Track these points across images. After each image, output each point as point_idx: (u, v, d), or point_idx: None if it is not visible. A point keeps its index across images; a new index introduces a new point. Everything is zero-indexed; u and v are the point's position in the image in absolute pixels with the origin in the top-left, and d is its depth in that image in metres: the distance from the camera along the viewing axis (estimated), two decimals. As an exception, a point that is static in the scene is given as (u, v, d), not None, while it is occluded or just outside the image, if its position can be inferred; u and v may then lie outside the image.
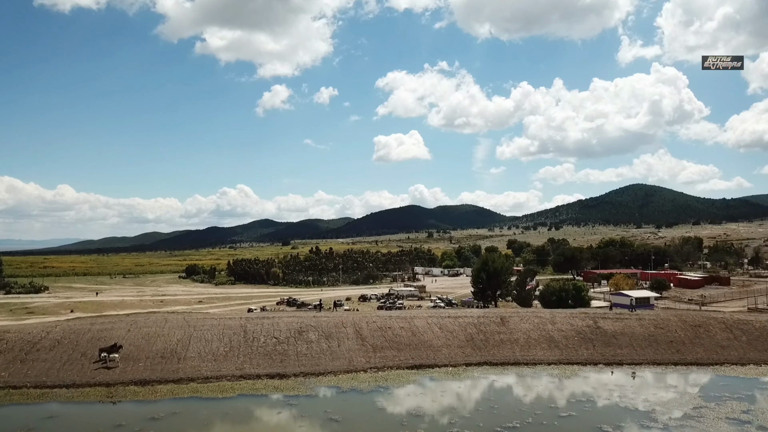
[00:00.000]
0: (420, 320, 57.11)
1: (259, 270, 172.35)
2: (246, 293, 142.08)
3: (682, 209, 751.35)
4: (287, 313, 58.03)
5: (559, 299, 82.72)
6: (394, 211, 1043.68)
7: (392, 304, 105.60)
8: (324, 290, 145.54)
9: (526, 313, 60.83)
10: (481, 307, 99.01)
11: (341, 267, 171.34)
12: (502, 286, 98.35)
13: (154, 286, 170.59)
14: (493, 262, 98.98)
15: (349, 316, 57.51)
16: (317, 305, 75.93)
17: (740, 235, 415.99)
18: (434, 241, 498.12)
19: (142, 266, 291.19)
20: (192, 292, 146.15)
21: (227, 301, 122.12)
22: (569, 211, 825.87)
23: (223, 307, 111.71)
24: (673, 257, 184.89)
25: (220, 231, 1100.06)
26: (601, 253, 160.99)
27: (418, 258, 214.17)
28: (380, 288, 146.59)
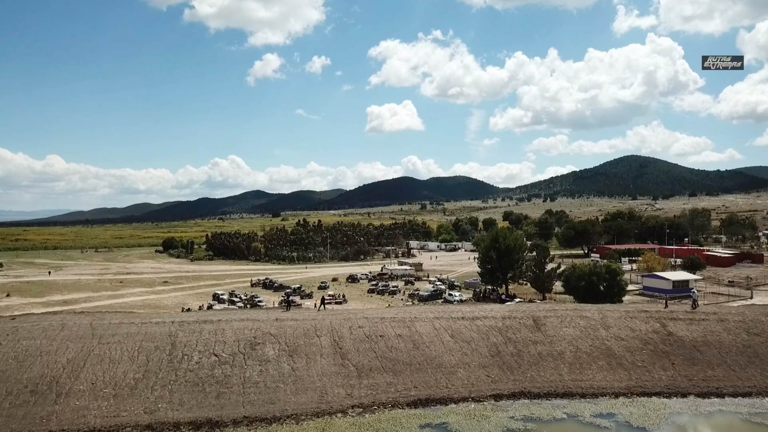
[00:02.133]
0: (424, 324, 40.78)
1: (239, 245, 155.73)
2: (221, 271, 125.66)
3: (676, 181, 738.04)
4: (241, 314, 41.40)
5: (590, 285, 66.64)
6: (386, 183, 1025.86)
7: (385, 286, 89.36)
8: (309, 268, 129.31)
9: (566, 311, 44.55)
10: (492, 293, 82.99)
11: (329, 242, 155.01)
12: (515, 266, 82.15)
13: (123, 262, 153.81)
14: (505, 238, 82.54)
15: (326, 318, 41.06)
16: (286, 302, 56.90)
17: (739, 207, 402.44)
18: (427, 213, 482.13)
19: (121, 239, 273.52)
20: (161, 270, 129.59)
21: (196, 282, 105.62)
22: (563, 183, 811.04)
23: (189, 290, 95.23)
24: (687, 231, 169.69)
25: (211, 202, 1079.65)
26: (614, 226, 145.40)
27: (412, 231, 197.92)
28: (372, 265, 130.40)
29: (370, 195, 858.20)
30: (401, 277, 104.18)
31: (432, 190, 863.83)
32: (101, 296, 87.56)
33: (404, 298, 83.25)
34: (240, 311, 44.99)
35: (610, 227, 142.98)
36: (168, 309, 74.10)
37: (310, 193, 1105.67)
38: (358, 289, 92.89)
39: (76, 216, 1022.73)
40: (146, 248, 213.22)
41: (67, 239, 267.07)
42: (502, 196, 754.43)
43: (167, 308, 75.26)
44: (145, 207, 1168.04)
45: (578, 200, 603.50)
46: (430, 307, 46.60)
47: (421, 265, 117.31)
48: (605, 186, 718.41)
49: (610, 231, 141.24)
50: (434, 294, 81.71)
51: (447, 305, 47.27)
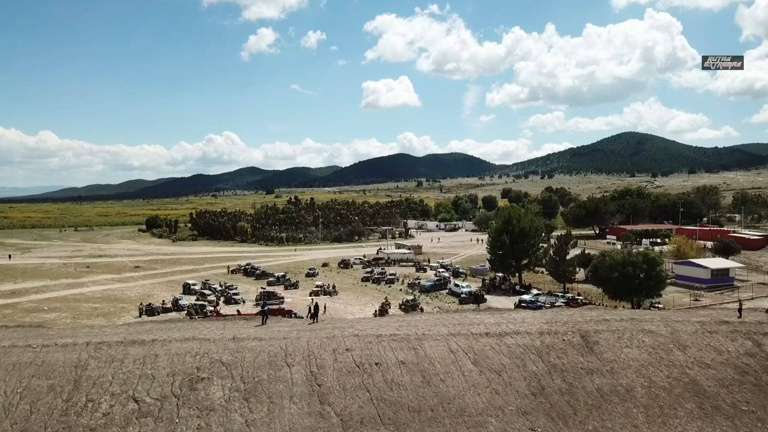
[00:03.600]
0: (436, 344, 29.64)
1: (225, 224, 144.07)
2: (202, 253, 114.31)
3: (674, 158, 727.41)
4: (186, 329, 29.99)
5: (624, 278, 55.69)
6: (382, 160, 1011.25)
7: (381, 274, 78.23)
8: (298, 250, 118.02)
9: (621, 322, 33.42)
10: (503, 282, 71.96)
11: (321, 221, 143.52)
12: (530, 252, 71.18)
13: (100, 243, 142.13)
14: (519, 220, 71.43)
15: (302, 336, 29.83)
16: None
17: (740, 184, 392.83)
18: (424, 190, 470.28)
19: (107, 217, 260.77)
20: (138, 252, 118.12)
21: (171, 267, 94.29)
22: (560, 160, 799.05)
23: (160, 277, 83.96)
24: (700, 209, 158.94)
25: (206, 179, 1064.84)
26: (628, 205, 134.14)
27: (409, 210, 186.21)
28: (366, 248, 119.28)
29: (365, 172, 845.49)
30: (399, 261, 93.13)
31: (428, 167, 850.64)
32: (58, 285, 76.21)
33: (403, 288, 72.30)
34: (187, 325, 33.46)
35: (622, 206, 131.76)
36: (127, 303, 63.03)
37: (306, 170, 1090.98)
38: (351, 276, 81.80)
39: (70, 192, 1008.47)
40: (130, 227, 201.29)
41: (50, 217, 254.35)
42: (499, 173, 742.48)
43: (127, 302, 64.13)
44: (139, 183, 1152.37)
45: (576, 177, 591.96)
46: (441, 316, 35.35)
47: (420, 248, 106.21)
48: (603, 163, 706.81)
49: (622, 210, 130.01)
50: (438, 284, 70.81)
51: (463, 314, 36.05)
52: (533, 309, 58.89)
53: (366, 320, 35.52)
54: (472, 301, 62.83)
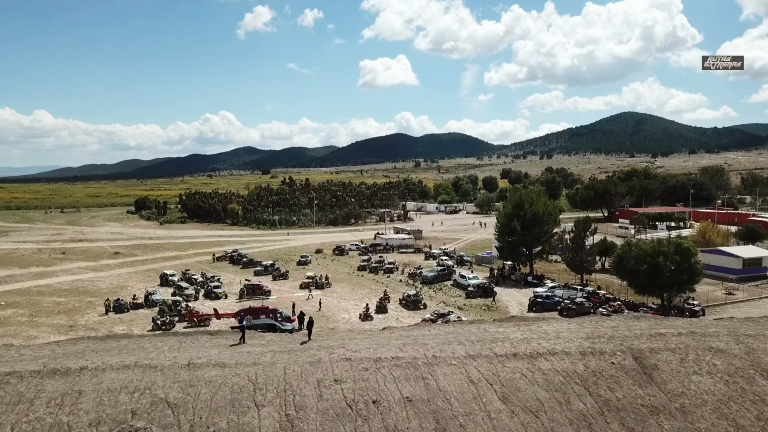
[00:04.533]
0: (451, 370, 22.89)
1: (215, 206, 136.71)
2: (188, 238, 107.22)
3: (673, 138, 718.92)
4: (128, 354, 22.76)
5: (654, 270, 48.87)
6: (380, 140, 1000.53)
7: (379, 263, 71.22)
8: (291, 234, 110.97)
9: (678, 336, 26.60)
10: (513, 272, 65.12)
11: (317, 203, 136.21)
12: (542, 239, 64.27)
13: (85, 225, 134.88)
14: (531, 204, 64.40)
15: (277, 362, 22.93)
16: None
17: (742, 165, 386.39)
18: (422, 171, 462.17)
19: (97, 197, 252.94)
20: (121, 236, 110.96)
21: (154, 253, 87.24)
22: (559, 140, 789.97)
23: (139, 265, 76.94)
24: (711, 191, 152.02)
25: (202, 159, 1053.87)
26: (638, 186, 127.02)
27: (408, 191, 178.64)
28: (363, 231, 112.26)
29: (363, 152, 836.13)
30: (398, 247, 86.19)
31: (426, 147, 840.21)
32: (25, 275, 69.21)
33: (403, 278, 65.45)
34: (132, 344, 26.28)
35: (632, 188, 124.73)
36: (96, 297, 56.07)
37: (303, 150, 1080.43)
38: (347, 264, 74.89)
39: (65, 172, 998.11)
40: (120, 208, 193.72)
41: (39, 198, 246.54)
42: (497, 153, 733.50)
43: (96, 295, 57.19)
44: (135, 163, 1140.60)
45: (575, 157, 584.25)
46: (455, 330, 28.36)
47: (420, 232, 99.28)
48: (602, 143, 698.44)
49: (632, 192, 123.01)
50: (441, 274, 63.97)
51: (481, 325, 29.06)
52: (551, 305, 52.33)
53: (361, 335, 28.51)
54: (481, 295, 56.15)
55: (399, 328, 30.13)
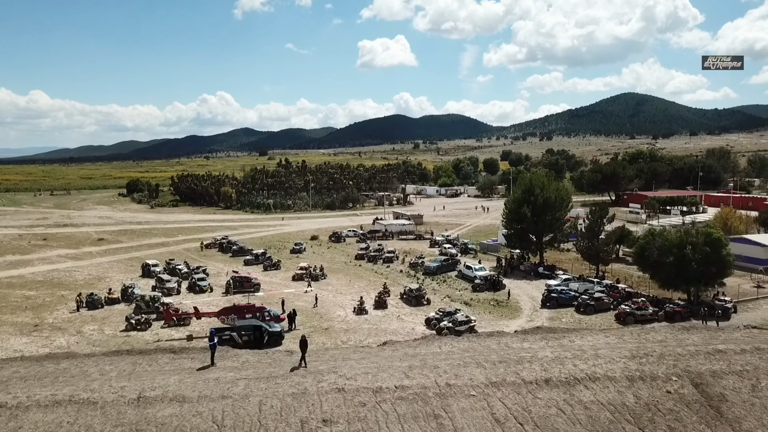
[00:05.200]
0: (470, 404, 18.07)
1: (208, 189, 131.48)
2: (179, 222, 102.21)
3: (673, 119, 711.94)
4: (75, 370, 17.73)
5: (681, 263, 44.11)
6: (378, 121, 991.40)
7: (378, 251, 66.31)
8: (286, 219, 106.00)
9: (743, 354, 21.82)
10: (522, 262, 60.37)
11: (313, 186, 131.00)
12: (554, 227, 59.41)
13: (73, 208, 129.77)
14: (542, 189, 59.40)
15: (252, 397, 18.10)
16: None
17: (744, 146, 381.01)
18: (421, 153, 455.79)
19: (90, 179, 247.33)
20: (109, 220, 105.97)
21: (140, 239, 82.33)
22: (558, 121, 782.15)
23: (123, 253, 72.00)
24: (719, 173, 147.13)
25: (199, 140, 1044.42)
26: (647, 169, 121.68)
27: (407, 173, 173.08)
28: (361, 216, 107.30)
29: (361, 133, 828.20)
30: (398, 234, 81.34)
31: (425, 129, 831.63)
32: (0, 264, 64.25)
33: (404, 268, 60.65)
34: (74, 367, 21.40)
35: (641, 170, 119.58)
36: (71, 290, 51.21)
37: (300, 131, 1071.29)
38: (343, 253, 70.05)
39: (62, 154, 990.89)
40: (112, 190, 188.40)
41: (31, 180, 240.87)
42: (497, 134, 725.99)
43: (71, 288, 52.36)
44: (132, 145, 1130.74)
45: (575, 139, 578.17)
46: (471, 346, 23.61)
47: (421, 218, 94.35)
48: (601, 124, 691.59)
49: (641, 175, 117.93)
50: (445, 265, 59.19)
51: (501, 340, 24.22)
52: (566, 300, 47.66)
53: (357, 354, 23.66)
54: (488, 288, 51.44)
55: (403, 343, 25.30)
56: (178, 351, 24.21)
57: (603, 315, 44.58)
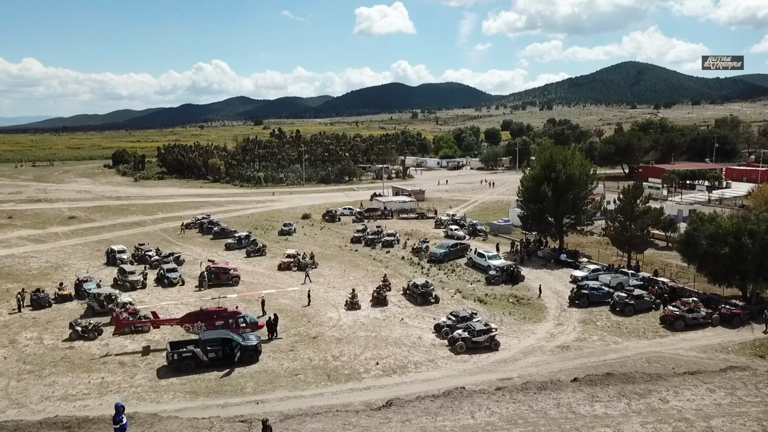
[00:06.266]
0: None
1: (195, 160, 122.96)
2: (161, 197, 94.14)
3: (675, 89, 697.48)
4: None
5: (737, 255, 36.64)
6: (375, 89, 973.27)
7: (377, 234, 58.45)
8: (277, 194, 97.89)
9: None
10: (540, 247, 52.80)
11: (307, 157, 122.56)
12: (578, 208, 51.66)
13: (53, 181, 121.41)
14: (565, 165, 51.47)
15: None
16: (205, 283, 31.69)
17: (748, 117, 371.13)
18: (419, 122, 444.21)
19: (78, 150, 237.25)
20: (87, 195, 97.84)
21: (115, 217, 74.45)
22: (558, 90, 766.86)
23: (94, 234, 64.13)
24: (734, 144, 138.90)
25: (195, 109, 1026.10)
26: (663, 140, 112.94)
27: (406, 144, 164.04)
28: (358, 191, 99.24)
29: (358, 102, 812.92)
30: (398, 212, 73.58)
31: (423, 97, 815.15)
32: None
33: (406, 255, 53.03)
34: None
35: (657, 142, 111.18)
36: (19, 282, 43.48)
37: (297, 100, 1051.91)
38: (338, 234, 62.32)
39: (56, 123, 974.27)
40: (99, 161, 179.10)
41: (17, 150, 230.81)
42: (496, 103, 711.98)
43: (21, 279, 44.73)
44: (127, 114, 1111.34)
45: (575, 109, 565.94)
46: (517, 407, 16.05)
47: (422, 193, 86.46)
48: (602, 94, 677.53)
49: (656, 146, 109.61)
50: (453, 251, 51.69)
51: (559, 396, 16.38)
52: (599, 297, 40.23)
53: None
54: (505, 281, 44.01)
55: (417, 407, 17.57)
56: (129, 366, 16.61)
57: (644, 316, 37.29)
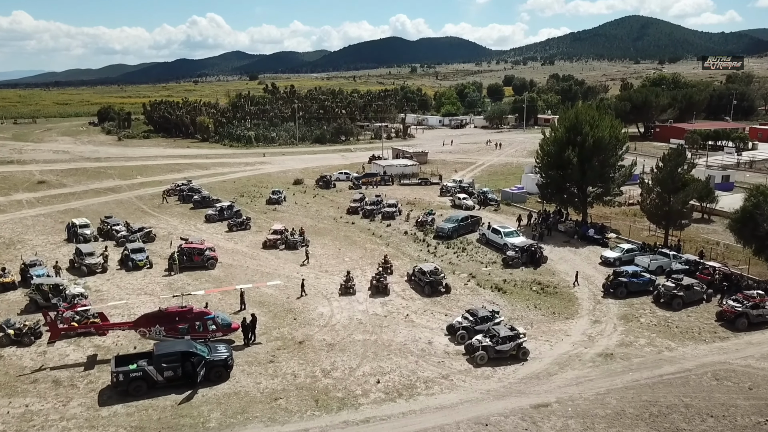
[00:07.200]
0: None
1: (183, 118, 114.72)
2: (143, 159, 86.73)
3: (679, 44, 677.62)
4: None
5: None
6: (373, 44, 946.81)
7: (376, 204, 51.55)
8: (268, 155, 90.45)
9: None
10: (562, 221, 46.10)
11: (301, 115, 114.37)
12: (606, 176, 44.70)
13: (32, 140, 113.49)
14: (593, 127, 44.20)
15: None
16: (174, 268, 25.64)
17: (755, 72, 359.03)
18: (418, 77, 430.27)
19: (65, 106, 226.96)
20: (65, 155, 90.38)
21: (89, 182, 67.32)
22: (559, 45, 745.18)
23: (62, 202, 57.16)
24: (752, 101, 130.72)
25: (190, 63, 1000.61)
26: (683, 97, 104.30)
27: (406, 100, 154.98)
28: (356, 152, 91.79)
29: (356, 56, 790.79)
30: (399, 177, 66.53)
31: (422, 52, 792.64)
32: None
33: (410, 229, 46.35)
34: None
35: (675, 98, 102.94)
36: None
37: (294, 55, 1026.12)
38: (333, 204, 55.44)
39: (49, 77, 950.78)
40: (86, 118, 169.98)
41: (3, 106, 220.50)
42: (496, 59, 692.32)
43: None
44: (120, 68, 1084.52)
45: (577, 64, 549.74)
46: None
47: (425, 155, 79.16)
48: (604, 49, 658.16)
49: (675, 104, 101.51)
50: (463, 225, 44.88)
51: None
52: (639, 286, 33.93)
53: None
54: (526, 263, 37.57)
55: None
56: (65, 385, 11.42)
57: (695, 311, 31.01)
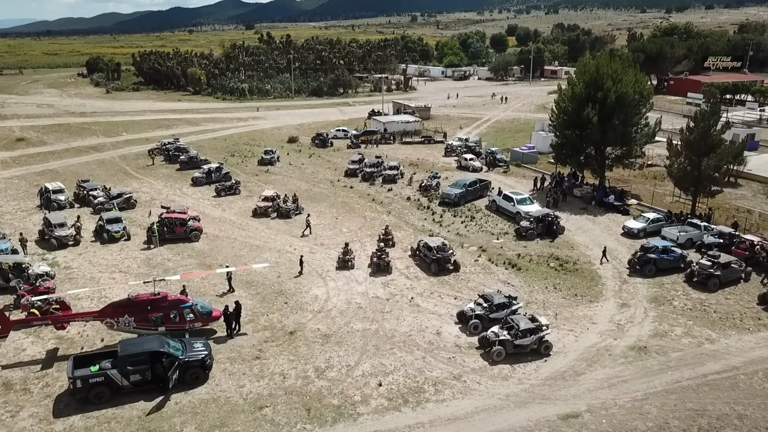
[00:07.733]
0: None
1: (174, 69, 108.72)
2: (132, 113, 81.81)
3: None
4: None
5: None
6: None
7: (376, 166, 47.37)
8: (263, 108, 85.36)
9: None
10: (579, 186, 42.22)
11: (297, 66, 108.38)
12: (628, 136, 40.51)
13: (17, 92, 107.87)
14: (615, 82, 39.67)
15: None
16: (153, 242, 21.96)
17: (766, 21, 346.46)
18: (419, 26, 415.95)
19: (55, 56, 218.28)
20: (50, 109, 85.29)
21: (71, 140, 62.86)
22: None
23: (39, 162, 53.01)
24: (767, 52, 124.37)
25: (185, 12, 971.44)
26: (699, 47, 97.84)
27: (407, 50, 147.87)
28: (354, 106, 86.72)
29: (355, 5, 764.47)
30: (401, 135, 62.04)
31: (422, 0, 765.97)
32: None
33: (412, 194, 42.48)
34: None
35: (690, 49, 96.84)
36: None
37: (291, 3, 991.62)
38: (329, 165, 51.31)
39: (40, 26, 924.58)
40: (74, 69, 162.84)
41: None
42: (498, 7, 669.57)
43: None
44: (114, 17, 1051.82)
45: (582, 13, 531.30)
46: None
47: (428, 110, 74.31)
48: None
49: (690, 55, 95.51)
50: (472, 190, 41.09)
51: None
52: (669, 262, 30.48)
53: None
54: (541, 234, 33.96)
55: None
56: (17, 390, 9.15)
57: (733, 292, 27.62)
